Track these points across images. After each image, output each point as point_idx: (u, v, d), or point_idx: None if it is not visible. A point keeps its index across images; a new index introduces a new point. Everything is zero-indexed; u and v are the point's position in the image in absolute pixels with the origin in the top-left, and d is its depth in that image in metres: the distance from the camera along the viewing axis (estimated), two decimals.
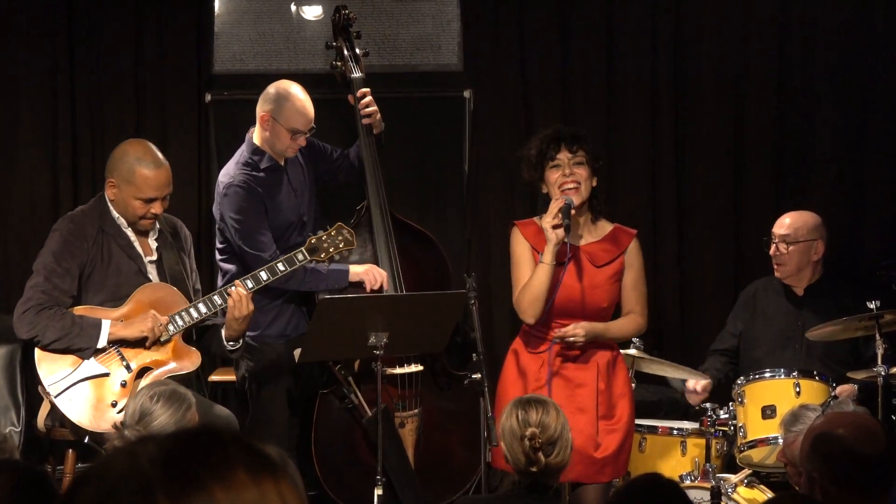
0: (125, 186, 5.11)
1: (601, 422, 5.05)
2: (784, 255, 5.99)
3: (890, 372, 5.31)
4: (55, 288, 5.04)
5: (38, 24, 6.39)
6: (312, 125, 5.62)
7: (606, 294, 5.12)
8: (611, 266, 5.14)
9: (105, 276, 5.12)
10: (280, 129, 5.57)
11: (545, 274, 4.97)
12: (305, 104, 5.60)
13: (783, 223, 6.03)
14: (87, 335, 4.97)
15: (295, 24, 6.57)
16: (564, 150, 5.05)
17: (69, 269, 5.07)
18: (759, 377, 5.64)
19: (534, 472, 3.86)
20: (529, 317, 5.04)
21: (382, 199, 5.70)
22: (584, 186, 5.06)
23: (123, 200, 5.13)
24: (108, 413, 4.93)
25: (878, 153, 6.80)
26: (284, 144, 5.60)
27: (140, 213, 5.12)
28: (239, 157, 5.67)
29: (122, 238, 5.17)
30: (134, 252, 5.18)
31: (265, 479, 1.26)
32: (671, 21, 6.73)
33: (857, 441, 3.27)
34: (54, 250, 5.10)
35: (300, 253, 5.20)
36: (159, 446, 1.26)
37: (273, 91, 5.62)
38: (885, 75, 6.77)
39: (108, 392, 4.98)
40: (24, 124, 6.40)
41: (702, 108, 6.77)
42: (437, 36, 6.68)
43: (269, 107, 5.59)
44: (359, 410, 5.44)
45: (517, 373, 5.12)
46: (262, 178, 5.57)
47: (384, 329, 4.98)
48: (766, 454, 5.49)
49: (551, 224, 4.95)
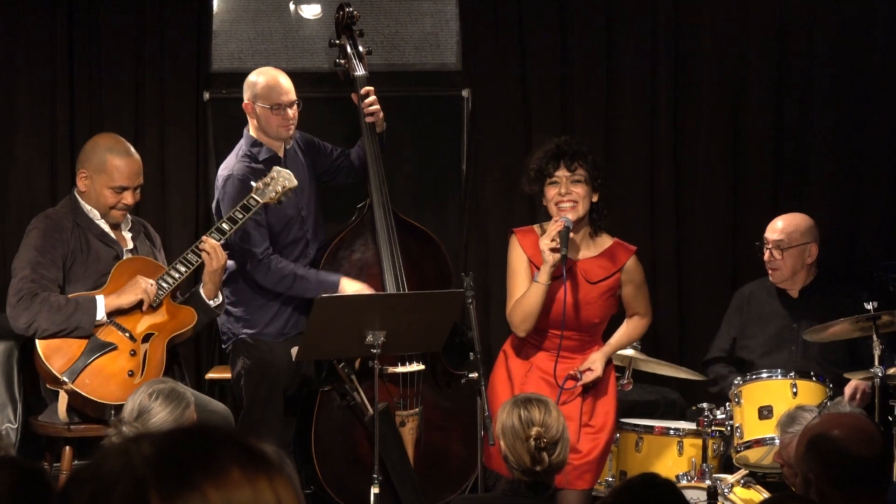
0: (97, 176, 5.19)
1: (583, 428, 5.08)
2: (778, 260, 5.97)
3: (887, 373, 5.31)
4: (43, 277, 5.09)
5: (37, 21, 6.39)
6: (294, 98, 5.65)
7: (599, 310, 5.14)
8: (605, 283, 5.14)
9: (86, 266, 5.17)
10: (263, 110, 5.62)
11: (539, 294, 4.98)
12: (278, 78, 5.67)
13: (775, 228, 6.00)
14: (84, 311, 5.02)
15: (293, 22, 6.57)
16: (563, 168, 5.05)
17: (53, 259, 5.13)
18: (756, 378, 5.64)
19: (537, 471, 3.86)
20: (521, 332, 5.08)
21: (385, 198, 5.70)
22: (582, 204, 5.05)
23: (95, 191, 5.21)
24: (128, 383, 4.98)
25: (875, 154, 6.81)
26: (274, 124, 5.64)
27: (111, 202, 5.20)
28: (238, 150, 5.71)
29: (96, 229, 5.24)
30: (110, 239, 5.26)
31: (259, 478, 1.26)
32: (670, 20, 6.73)
33: (852, 443, 3.27)
34: (35, 244, 5.16)
35: (251, 198, 5.25)
36: (153, 445, 1.26)
37: (248, 79, 5.73)
38: (883, 75, 6.78)
39: (121, 363, 5.05)
40: (22, 120, 6.40)
41: (700, 108, 6.77)
42: (436, 35, 6.68)
43: (247, 94, 5.69)
44: (361, 408, 5.44)
45: (506, 375, 5.14)
46: (260, 170, 5.59)
47: (381, 328, 4.99)
48: (763, 455, 5.49)
49: (549, 247, 4.95)
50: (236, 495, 1.24)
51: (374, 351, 4.98)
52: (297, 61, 6.54)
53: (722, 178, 6.79)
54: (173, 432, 1.29)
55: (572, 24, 6.70)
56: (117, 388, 5.00)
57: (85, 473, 1.26)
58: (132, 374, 5.04)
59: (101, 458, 1.27)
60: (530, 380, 5.06)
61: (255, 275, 5.59)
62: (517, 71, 6.68)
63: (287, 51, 6.56)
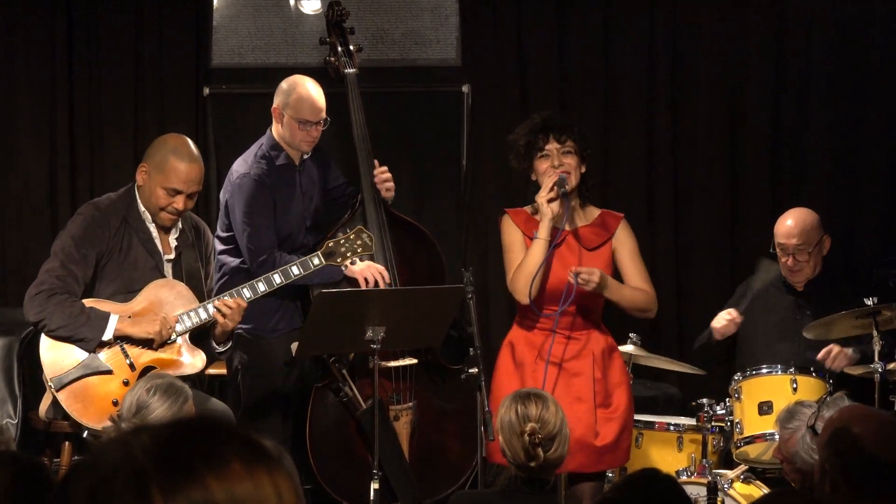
0: (155, 174, 5.08)
1: (599, 410, 5.03)
2: (802, 262, 5.89)
3: (887, 368, 5.31)
4: (69, 274, 4.99)
5: (36, 17, 6.38)
6: (324, 117, 5.63)
7: None
8: (602, 249, 5.11)
9: (121, 268, 5.07)
10: (290, 120, 5.60)
11: (540, 250, 4.95)
12: (312, 94, 5.62)
13: (791, 232, 5.84)
14: (93, 325, 4.92)
15: (293, 18, 6.57)
16: (553, 141, 5.03)
17: (87, 255, 5.03)
18: (755, 373, 5.63)
19: (532, 466, 3.85)
20: (524, 295, 5.00)
21: (376, 193, 5.71)
22: (574, 175, 5.05)
23: (150, 188, 5.10)
24: (109, 411, 4.89)
25: (873, 152, 6.81)
26: (297, 137, 5.62)
27: (163, 203, 5.08)
28: (257, 150, 5.66)
29: (143, 232, 5.13)
30: (153, 247, 5.13)
31: (260, 470, 1.26)
32: (669, 16, 6.73)
33: (873, 443, 3.18)
34: (74, 234, 5.06)
35: (316, 257, 5.15)
36: (153, 437, 1.26)
37: (284, 85, 5.66)
38: (880, 73, 6.78)
39: (110, 390, 4.93)
40: (21, 117, 6.40)
41: (699, 105, 6.78)
42: (436, 31, 6.68)
43: (279, 99, 5.64)
44: (353, 403, 5.44)
45: (513, 365, 5.10)
46: (276, 175, 5.58)
47: (381, 323, 4.97)
48: (763, 450, 5.48)
49: (546, 199, 4.93)
50: (237, 487, 1.24)
51: (374, 346, 4.97)
52: (296, 57, 6.54)
53: (720, 174, 6.79)
54: (173, 424, 1.29)
55: (571, 20, 6.70)
56: (96, 414, 4.87)
57: (84, 465, 1.26)
58: (116, 404, 4.82)
59: (101, 451, 1.26)
60: (540, 366, 5.03)
61: (258, 272, 5.52)
62: (516, 66, 6.68)
63: (287, 46, 6.56)
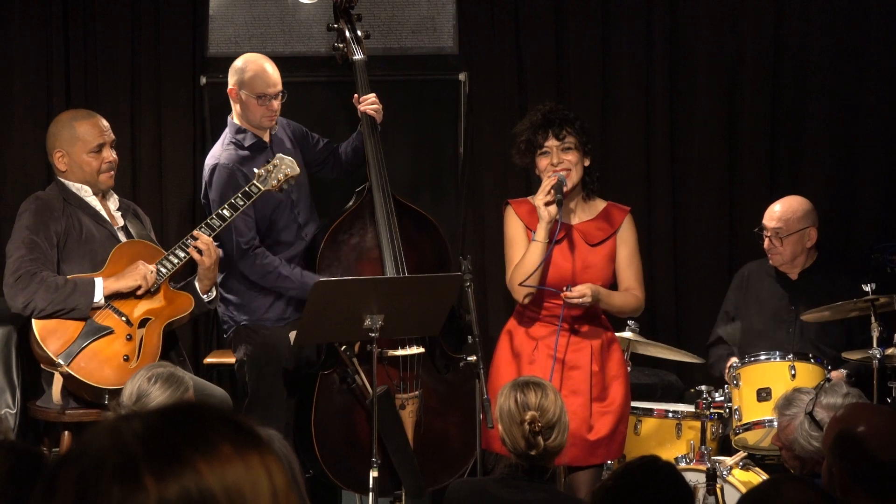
0: (72, 148, 5.20)
1: (594, 404, 5.04)
2: (777, 247, 5.97)
3: (885, 354, 5.32)
4: (40, 255, 5.06)
5: (33, 5, 6.37)
6: (280, 89, 5.64)
7: (600, 273, 5.09)
8: (605, 245, 5.12)
9: (80, 245, 5.15)
10: (248, 97, 5.61)
11: (538, 252, 4.96)
12: (266, 69, 5.66)
13: (773, 215, 5.98)
14: (82, 291, 5.00)
15: (290, 6, 6.56)
16: (552, 138, 5.03)
17: (47, 237, 5.11)
18: (754, 360, 5.64)
19: (532, 455, 3.85)
20: (522, 296, 5.03)
21: (384, 181, 5.70)
22: (575, 171, 5.05)
23: (77, 163, 5.21)
24: (123, 368, 4.98)
25: (870, 138, 6.80)
26: (258, 113, 5.64)
27: (96, 165, 5.20)
28: (223, 139, 5.72)
29: (87, 208, 5.22)
30: (101, 218, 5.24)
31: (250, 453, 1.26)
32: (667, 5, 6.72)
33: (877, 445, 3.17)
34: (27, 224, 5.13)
35: (253, 185, 5.26)
36: (143, 422, 1.26)
37: (237, 63, 5.71)
38: (878, 61, 6.77)
39: (117, 348, 5.04)
40: (18, 105, 6.38)
41: (697, 92, 6.77)
42: (433, 19, 6.66)
43: (234, 79, 5.68)
44: (362, 391, 5.43)
45: (511, 354, 5.11)
46: (246, 156, 5.59)
47: (379, 311, 4.98)
48: (762, 437, 5.50)
49: (543, 201, 4.94)
50: (228, 471, 1.24)
51: (372, 335, 4.97)
52: (293, 45, 6.53)
53: (718, 162, 6.79)
54: (163, 410, 1.29)
55: (569, 8, 6.69)
56: (112, 373, 4.99)
57: (76, 451, 1.26)
58: (128, 359, 5.02)
59: (91, 436, 1.26)
60: (538, 357, 5.03)
61: (240, 265, 5.59)
62: (514, 55, 6.67)
63: (284, 35, 6.55)
